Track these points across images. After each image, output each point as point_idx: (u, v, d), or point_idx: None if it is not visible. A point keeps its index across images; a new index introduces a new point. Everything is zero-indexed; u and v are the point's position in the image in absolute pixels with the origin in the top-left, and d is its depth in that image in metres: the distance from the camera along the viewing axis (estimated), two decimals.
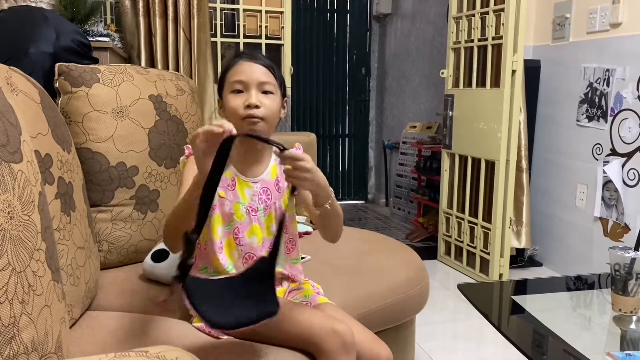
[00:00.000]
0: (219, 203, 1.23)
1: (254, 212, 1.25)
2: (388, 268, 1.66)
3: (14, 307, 0.71)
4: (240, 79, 1.21)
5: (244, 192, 1.25)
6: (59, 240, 1.11)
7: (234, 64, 1.24)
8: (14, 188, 0.77)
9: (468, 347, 2.25)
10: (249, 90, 1.21)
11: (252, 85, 1.21)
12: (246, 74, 1.21)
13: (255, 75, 1.21)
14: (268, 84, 1.22)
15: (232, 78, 1.22)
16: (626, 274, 1.24)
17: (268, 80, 1.22)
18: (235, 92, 1.22)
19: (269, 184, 1.27)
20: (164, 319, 1.28)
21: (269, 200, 1.26)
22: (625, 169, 2.62)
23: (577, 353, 1.13)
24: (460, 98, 3.11)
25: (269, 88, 1.23)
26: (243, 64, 1.23)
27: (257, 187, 1.26)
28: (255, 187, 1.26)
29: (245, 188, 1.25)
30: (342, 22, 5.13)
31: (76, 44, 1.73)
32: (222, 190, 1.23)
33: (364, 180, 5.40)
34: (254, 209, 1.25)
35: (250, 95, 1.20)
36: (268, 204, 1.26)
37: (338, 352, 1.11)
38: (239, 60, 1.24)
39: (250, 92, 1.21)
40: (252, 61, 1.23)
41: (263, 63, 1.24)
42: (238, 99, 1.21)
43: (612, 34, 2.69)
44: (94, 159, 1.49)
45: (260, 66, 1.23)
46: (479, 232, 2.99)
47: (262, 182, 1.27)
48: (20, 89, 1.12)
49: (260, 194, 1.26)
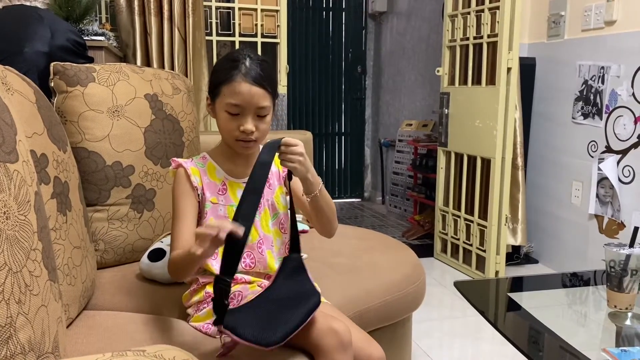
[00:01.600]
0: (212, 209, 1.22)
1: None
2: (384, 266, 1.66)
3: (10, 307, 0.71)
4: (238, 103, 1.16)
5: (235, 194, 1.24)
6: (55, 240, 1.11)
7: (231, 79, 1.16)
8: (10, 188, 0.77)
9: (464, 344, 2.26)
10: (245, 115, 1.17)
11: (248, 112, 1.17)
12: (244, 98, 1.16)
13: (254, 100, 1.16)
14: (264, 108, 1.18)
15: (229, 99, 1.17)
16: (621, 271, 1.25)
17: (265, 104, 1.18)
18: (230, 113, 1.18)
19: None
20: (161, 318, 1.28)
21: (262, 198, 1.26)
22: (620, 166, 2.63)
23: (573, 349, 1.14)
24: (455, 96, 3.12)
25: (265, 112, 1.19)
26: (242, 84, 1.16)
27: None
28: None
29: (237, 189, 1.25)
30: (337, 20, 5.12)
31: (71, 43, 1.72)
32: (214, 196, 1.23)
33: (360, 178, 5.40)
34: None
35: (247, 121, 1.17)
36: (261, 202, 1.26)
37: (335, 351, 1.11)
38: (237, 77, 1.16)
39: (247, 118, 1.17)
40: (252, 83, 1.16)
41: (262, 84, 1.17)
42: (233, 121, 1.18)
43: (607, 32, 2.70)
44: (90, 159, 1.48)
45: (259, 89, 1.16)
46: (475, 230, 3.00)
47: None
48: (16, 89, 1.11)
49: None
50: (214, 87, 1.22)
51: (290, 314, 1.07)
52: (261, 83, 1.17)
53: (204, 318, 1.21)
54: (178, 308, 1.32)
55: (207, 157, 1.27)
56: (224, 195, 1.24)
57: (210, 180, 1.24)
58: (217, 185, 1.24)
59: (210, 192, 1.23)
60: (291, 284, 1.18)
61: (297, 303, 1.10)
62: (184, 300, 1.29)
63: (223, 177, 1.25)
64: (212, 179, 1.24)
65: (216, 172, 1.25)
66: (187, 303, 1.27)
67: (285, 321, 1.06)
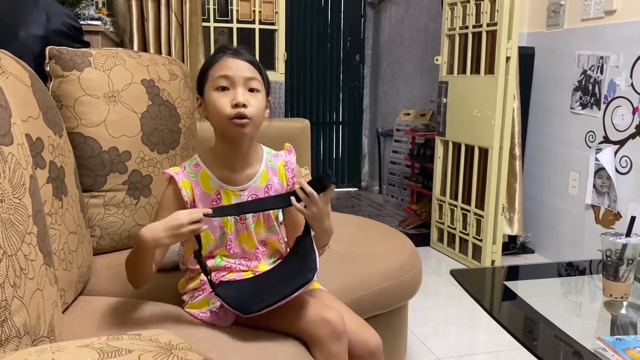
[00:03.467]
0: (205, 220, 1.12)
1: (242, 220, 1.21)
2: (381, 254, 1.66)
3: (5, 290, 0.70)
4: (226, 73, 1.13)
5: (231, 202, 1.19)
6: (51, 225, 1.10)
7: (217, 59, 1.16)
8: (5, 171, 0.76)
9: (460, 332, 2.27)
10: (235, 87, 1.14)
11: (238, 82, 1.14)
12: (232, 69, 1.14)
13: (242, 71, 1.14)
14: (254, 80, 1.15)
15: (217, 73, 1.14)
16: (617, 260, 1.25)
17: (254, 76, 1.15)
18: (219, 89, 1.14)
19: (258, 190, 1.22)
20: (156, 304, 1.28)
21: None
22: (617, 156, 2.63)
23: (568, 338, 1.14)
24: (454, 85, 3.11)
25: (256, 85, 1.16)
26: (227, 59, 1.15)
27: (245, 195, 1.20)
28: (243, 195, 1.20)
29: (232, 198, 1.20)
30: (336, 8, 5.09)
31: (67, 27, 1.71)
32: (208, 207, 1.15)
33: (358, 168, 5.40)
34: (242, 218, 1.21)
35: (237, 93, 1.13)
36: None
37: (329, 340, 1.11)
38: (222, 55, 1.16)
39: (237, 90, 1.13)
40: (236, 57, 1.15)
41: (248, 59, 1.16)
42: (224, 97, 1.13)
43: (607, 21, 2.68)
44: (86, 144, 1.47)
45: (245, 62, 1.15)
46: (471, 219, 3.00)
47: (250, 189, 1.21)
48: (11, 72, 1.10)
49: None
50: (201, 77, 1.18)
51: (281, 287, 1.09)
52: (247, 58, 1.16)
53: (199, 305, 1.21)
54: (174, 294, 1.32)
55: (200, 164, 1.21)
56: (218, 205, 1.19)
57: (203, 190, 1.19)
58: (211, 195, 1.19)
59: (202, 204, 1.18)
60: (295, 261, 1.17)
61: (290, 278, 1.11)
62: (180, 287, 1.29)
63: (217, 186, 1.19)
64: (206, 189, 1.19)
65: (210, 182, 1.19)
66: (183, 290, 1.27)
67: (274, 293, 1.08)
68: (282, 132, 2.04)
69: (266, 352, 1.07)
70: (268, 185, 1.23)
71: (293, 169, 1.27)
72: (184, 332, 1.01)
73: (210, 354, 1.00)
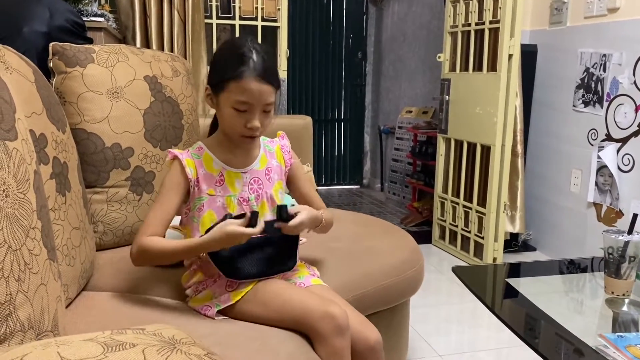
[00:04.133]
0: (209, 201, 1.22)
1: (246, 202, 1.24)
2: (383, 250, 1.67)
3: (10, 284, 0.71)
4: (247, 100, 1.15)
5: (234, 184, 1.24)
6: (55, 221, 1.11)
7: (240, 76, 1.14)
8: (9, 166, 0.77)
9: (461, 329, 2.27)
10: (253, 112, 1.17)
11: (257, 109, 1.17)
12: (254, 96, 1.15)
13: (263, 98, 1.16)
14: (271, 104, 1.19)
15: (237, 96, 1.15)
16: (619, 257, 1.25)
17: (272, 100, 1.18)
18: (237, 109, 1.17)
19: (259, 173, 1.27)
20: (159, 299, 1.29)
21: (260, 190, 1.26)
22: (620, 154, 2.63)
23: (569, 335, 1.14)
24: (456, 82, 3.10)
25: (271, 107, 1.19)
26: (251, 83, 1.14)
27: (247, 177, 1.25)
28: (245, 177, 1.25)
29: (235, 179, 1.24)
30: (338, 5, 5.08)
31: (70, 23, 1.71)
32: (211, 188, 1.22)
33: (360, 165, 5.39)
34: (245, 199, 1.24)
35: (254, 118, 1.17)
36: (260, 193, 1.26)
37: (332, 335, 1.12)
38: (246, 74, 1.14)
39: (254, 115, 1.17)
40: (260, 81, 1.15)
41: (271, 81, 1.17)
42: (239, 118, 1.17)
43: (610, 19, 2.68)
44: (89, 140, 1.48)
45: (267, 87, 1.16)
46: (473, 217, 3.00)
47: (251, 171, 1.26)
48: (14, 68, 1.10)
49: (251, 183, 1.25)
50: (219, 80, 1.18)
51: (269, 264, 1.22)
52: (269, 80, 1.16)
53: (202, 299, 1.22)
54: (177, 290, 1.32)
55: (204, 147, 1.25)
56: (221, 187, 1.23)
57: (207, 171, 1.22)
58: (214, 176, 1.23)
59: (206, 184, 1.22)
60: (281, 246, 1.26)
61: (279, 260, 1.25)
62: (184, 281, 1.29)
63: (220, 167, 1.23)
64: (209, 170, 1.23)
65: (213, 164, 1.23)
66: (187, 284, 1.28)
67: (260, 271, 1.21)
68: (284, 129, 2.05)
69: (269, 347, 1.07)
70: (268, 168, 1.29)
71: (289, 151, 1.35)
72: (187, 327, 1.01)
73: (213, 348, 1.00)
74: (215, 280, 1.23)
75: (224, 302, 1.19)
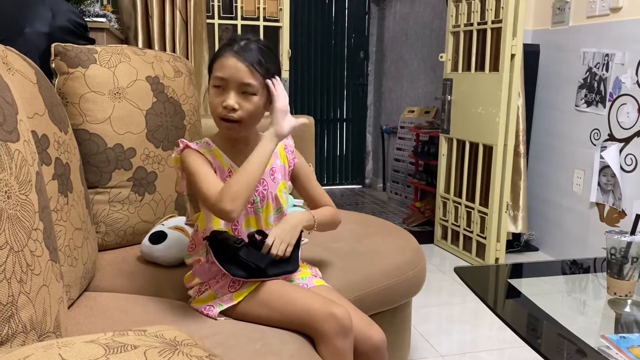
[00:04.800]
0: None
1: (250, 204, 1.23)
2: (385, 251, 1.66)
3: (12, 286, 0.71)
4: (222, 75, 1.15)
5: None
6: (57, 221, 1.11)
7: (221, 54, 1.17)
8: (11, 167, 0.77)
9: (463, 329, 2.27)
10: (228, 90, 1.16)
11: (232, 86, 1.15)
12: (229, 71, 1.14)
13: (239, 75, 1.14)
14: (250, 86, 1.15)
15: (216, 71, 1.16)
16: (622, 258, 1.25)
17: (250, 82, 1.15)
18: (215, 87, 1.17)
19: (264, 174, 1.25)
20: (162, 300, 1.29)
21: (265, 191, 1.25)
22: (622, 154, 2.62)
23: (572, 336, 1.14)
24: (458, 82, 3.10)
25: (251, 90, 1.16)
26: (229, 58, 1.15)
27: None
28: None
29: None
30: (340, 5, 5.08)
31: (72, 24, 1.71)
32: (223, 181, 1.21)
33: (362, 165, 5.39)
34: (251, 202, 1.23)
35: (229, 96, 1.15)
36: (264, 194, 1.25)
37: (336, 335, 1.12)
38: (227, 51, 1.16)
39: (229, 93, 1.15)
40: (239, 58, 1.14)
41: (250, 61, 1.15)
42: (217, 97, 1.16)
43: (612, 18, 2.67)
44: (91, 140, 1.48)
45: (246, 65, 1.14)
46: (475, 217, 3.00)
47: None
48: (17, 69, 1.11)
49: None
50: (210, 65, 1.21)
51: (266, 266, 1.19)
52: (249, 60, 1.15)
53: (205, 300, 1.22)
54: (179, 290, 1.33)
55: (211, 143, 1.25)
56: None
57: (219, 164, 1.22)
58: (225, 171, 1.23)
59: (220, 177, 1.21)
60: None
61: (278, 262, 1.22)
62: (186, 281, 1.29)
63: (229, 164, 1.23)
64: (221, 163, 1.23)
65: (223, 159, 1.23)
66: (189, 284, 1.28)
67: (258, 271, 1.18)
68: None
69: (271, 347, 1.07)
70: (272, 168, 1.28)
71: (293, 150, 1.34)
72: (189, 328, 1.02)
73: (215, 349, 1.01)
74: (218, 281, 1.23)
75: (226, 302, 1.19)
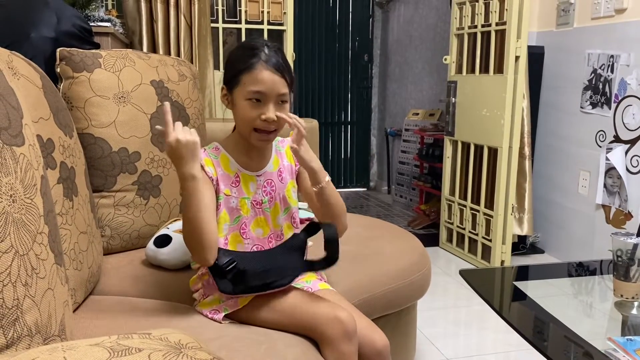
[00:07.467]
0: (225, 201, 1.20)
1: (259, 205, 1.24)
2: (390, 254, 1.66)
3: (17, 289, 0.71)
4: (261, 90, 1.15)
5: (248, 187, 1.23)
6: (62, 225, 1.11)
7: (252, 67, 1.15)
8: (16, 171, 0.77)
9: (469, 332, 2.26)
10: (267, 103, 1.16)
11: (271, 99, 1.16)
12: (267, 86, 1.15)
13: (276, 87, 1.16)
14: (285, 95, 1.18)
15: (251, 87, 1.15)
16: (628, 260, 1.24)
17: (286, 91, 1.18)
18: (252, 100, 1.16)
19: (272, 175, 1.27)
20: (167, 303, 1.29)
21: (274, 192, 1.26)
22: (628, 155, 2.61)
23: (578, 338, 1.14)
24: (463, 84, 3.09)
25: (285, 98, 1.18)
26: (263, 72, 1.15)
27: (261, 180, 1.25)
28: (259, 180, 1.25)
29: (249, 182, 1.24)
30: (344, 8, 5.09)
31: (77, 28, 1.72)
32: (227, 188, 1.21)
33: (366, 168, 5.39)
34: (258, 202, 1.24)
35: (269, 109, 1.16)
36: (272, 195, 1.26)
37: (340, 340, 1.12)
38: (258, 64, 1.15)
39: (269, 106, 1.16)
40: (273, 71, 1.15)
41: (281, 70, 1.16)
42: (254, 110, 1.16)
43: (617, 20, 2.66)
44: (96, 144, 1.49)
45: (279, 76, 1.16)
46: (481, 219, 2.99)
47: (265, 174, 1.26)
48: (22, 74, 1.11)
49: (265, 186, 1.25)
50: (232, 76, 1.19)
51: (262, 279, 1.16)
52: (281, 70, 1.17)
53: (210, 304, 1.22)
54: (184, 294, 1.33)
55: (220, 147, 1.25)
56: (236, 188, 1.22)
57: (224, 171, 1.22)
58: (231, 177, 1.22)
59: (224, 184, 1.21)
60: (285, 258, 1.22)
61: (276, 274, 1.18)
62: (191, 284, 1.29)
63: (236, 169, 1.23)
64: (226, 170, 1.22)
65: (230, 164, 1.23)
66: (194, 287, 1.28)
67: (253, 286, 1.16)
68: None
69: (275, 351, 1.07)
70: (280, 169, 1.28)
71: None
72: (193, 331, 1.02)
73: (219, 352, 1.00)
74: None
75: (231, 306, 1.19)
